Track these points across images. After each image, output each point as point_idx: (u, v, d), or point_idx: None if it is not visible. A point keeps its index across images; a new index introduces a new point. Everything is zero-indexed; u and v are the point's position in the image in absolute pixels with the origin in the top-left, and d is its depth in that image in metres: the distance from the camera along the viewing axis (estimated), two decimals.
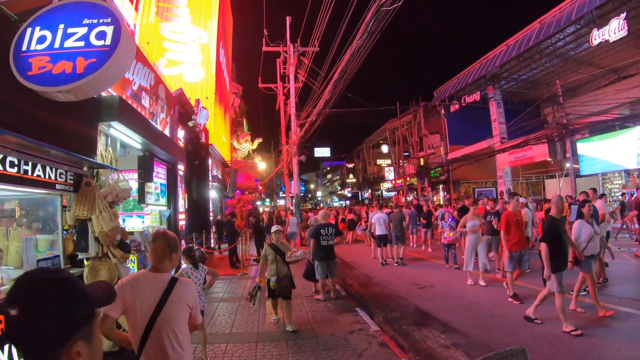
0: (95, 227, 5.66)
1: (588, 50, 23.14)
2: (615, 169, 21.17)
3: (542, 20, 22.55)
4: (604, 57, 24.64)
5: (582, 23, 20.35)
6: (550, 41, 22.71)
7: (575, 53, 24.30)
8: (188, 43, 18.38)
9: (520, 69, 27.03)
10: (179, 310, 2.96)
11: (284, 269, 7.51)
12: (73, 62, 4.75)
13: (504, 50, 25.69)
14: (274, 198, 62.51)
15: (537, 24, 22.96)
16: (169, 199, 11.25)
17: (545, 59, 25.17)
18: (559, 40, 22.65)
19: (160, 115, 10.34)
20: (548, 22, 21.71)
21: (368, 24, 10.43)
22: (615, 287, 9.17)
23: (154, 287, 2.94)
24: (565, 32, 21.56)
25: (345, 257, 16.19)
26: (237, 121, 35.33)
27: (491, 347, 6.05)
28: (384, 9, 9.48)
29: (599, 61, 25.35)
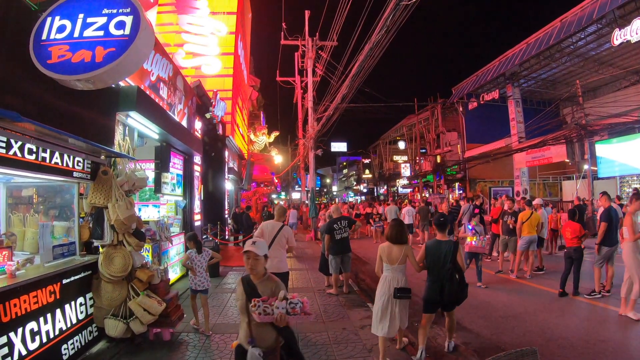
0: (111, 215, 5.74)
1: (609, 51, 22.71)
2: (634, 172, 20.83)
3: (563, 19, 22.20)
4: (626, 57, 24.20)
5: (604, 22, 19.97)
6: (571, 40, 22.32)
7: (596, 53, 23.86)
8: (207, 35, 18.47)
9: (540, 67, 26.62)
10: (282, 237, 6.92)
11: (267, 335, 3.63)
12: (92, 51, 4.81)
13: (524, 48, 25.35)
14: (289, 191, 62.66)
15: (557, 22, 22.61)
16: (184, 190, 11.34)
17: (566, 58, 24.76)
18: (580, 40, 22.26)
19: (178, 106, 10.41)
20: (569, 21, 21.36)
21: (387, 19, 10.37)
22: None
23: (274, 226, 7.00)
24: (586, 31, 21.15)
25: (357, 251, 16.19)
26: (254, 114, 35.44)
27: (502, 347, 6.02)
28: (404, 3, 9.42)
29: (620, 62, 24.91)
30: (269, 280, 3.81)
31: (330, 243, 9.40)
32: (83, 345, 5.52)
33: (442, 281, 5.56)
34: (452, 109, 36.08)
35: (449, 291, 5.51)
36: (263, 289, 3.70)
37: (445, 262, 5.56)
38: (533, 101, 31.77)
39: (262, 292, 3.66)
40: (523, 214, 10.95)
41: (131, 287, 5.92)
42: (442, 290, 5.54)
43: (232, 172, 19.82)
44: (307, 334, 6.60)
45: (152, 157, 9.18)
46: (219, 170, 16.22)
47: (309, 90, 23.55)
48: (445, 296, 5.53)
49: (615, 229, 8.76)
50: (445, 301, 5.63)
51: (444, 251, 5.60)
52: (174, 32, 17.96)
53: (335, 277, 9.43)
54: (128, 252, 5.94)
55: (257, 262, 3.75)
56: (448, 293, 5.51)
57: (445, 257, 5.57)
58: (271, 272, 7.03)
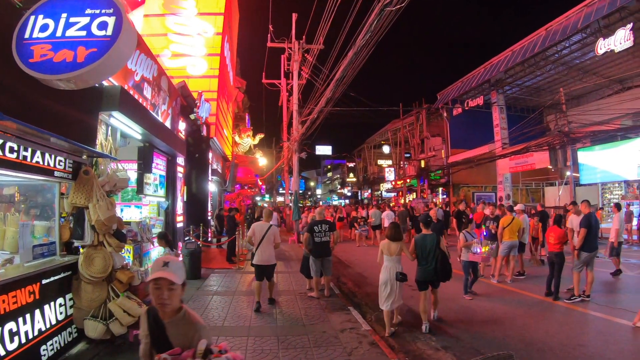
0: (92, 215, 5.71)
1: (593, 60, 23.11)
2: (615, 179, 21.14)
3: (548, 28, 22.53)
4: (609, 67, 24.63)
5: (588, 32, 20.29)
6: (555, 48, 22.66)
7: (580, 62, 24.26)
8: (193, 36, 18.41)
9: (524, 75, 26.96)
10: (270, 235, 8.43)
11: None
12: (74, 51, 4.80)
13: (509, 55, 25.67)
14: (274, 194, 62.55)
15: (543, 31, 22.94)
16: (167, 191, 11.30)
17: (550, 66, 25.12)
18: (565, 48, 22.61)
19: (161, 107, 10.37)
20: (554, 30, 21.69)
21: (371, 24, 10.43)
22: None
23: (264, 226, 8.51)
24: (571, 40, 21.50)
25: (340, 255, 16.23)
26: (239, 116, 35.33)
27: (481, 352, 6.07)
28: (388, 9, 9.48)
29: (603, 71, 25.34)
30: (185, 322, 2.65)
31: (310, 242, 9.42)
32: (62, 347, 5.47)
33: (431, 264, 7.19)
34: (436, 114, 36.31)
35: (439, 271, 7.17)
36: (176, 334, 2.61)
37: (431, 250, 7.20)
38: (517, 108, 32.11)
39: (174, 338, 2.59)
40: (504, 219, 11.10)
41: (111, 288, 5.89)
42: (435, 271, 7.18)
43: (215, 174, 19.74)
44: (287, 337, 6.61)
45: (134, 158, 9.13)
46: (203, 172, 16.16)
47: (294, 93, 23.56)
48: (439, 274, 7.21)
49: (595, 235, 8.95)
50: (435, 279, 7.30)
51: (430, 242, 7.27)
52: (161, 33, 17.86)
53: (317, 280, 9.44)
54: (108, 253, 5.91)
55: (172, 294, 2.58)
56: (439, 272, 7.18)
57: (431, 246, 7.23)
58: (262, 264, 8.58)
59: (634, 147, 19.30)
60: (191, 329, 2.63)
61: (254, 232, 8.60)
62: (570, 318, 7.82)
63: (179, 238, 12.12)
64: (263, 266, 8.58)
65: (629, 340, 6.60)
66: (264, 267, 8.59)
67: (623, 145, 20.10)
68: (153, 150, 9.52)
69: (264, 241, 8.50)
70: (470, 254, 9.17)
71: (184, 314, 2.66)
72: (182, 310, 2.67)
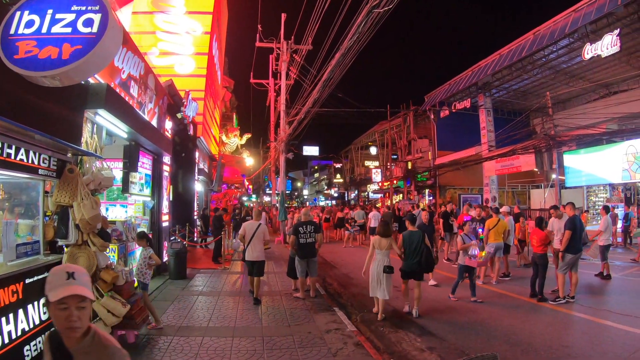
0: (76, 214, 5.65)
1: (580, 64, 23.38)
2: (600, 182, 21.38)
3: (536, 32, 22.73)
4: (596, 71, 24.94)
5: (576, 37, 20.53)
6: (543, 53, 22.88)
7: (567, 66, 24.54)
8: (181, 34, 18.29)
9: (511, 78, 27.17)
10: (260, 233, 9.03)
11: None
12: (59, 48, 4.76)
13: (497, 59, 25.84)
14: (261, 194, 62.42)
15: (530, 35, 23.13)
16: (153, 190, 11.21)
17: (537, 70, 25.34)
18: (552, 53, 22.83)
19: (148, 105, 10.29)
20: (542, 34, 21.88)
21: (359, 26, 10.45)
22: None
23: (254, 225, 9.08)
24: (558, 44, 21.71)
25: (326, 256, 16.24)
26: (226, 115, 35.17)
27: (466, 353, 6.11)
28: (376, 11, 9.51)
29: (590, 75, 25.65)
30: (97, 348, 2.08)
31: (295, 243, 9.45)
32: None
33: (416, 258, 8.09)
34: (424, 116, 36.43)
35: (423, 263, 8.08)
36: None
37: (417, 245, 8.10)
38: (504, 111, 32.37)
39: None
40: (490, 221, 11.18)
41: (95, 288, 5.82)
42: (419, 263, 8.07)
43: (202, 174, 19.65)
44: (272, 338, 6.61)
45: (120, 156, 9.04)
46: (189, 171, 16.06)
47: (282, 93, 23.54)
48: (423, 266, 8.13)
49: (579, 237, 9.04)
50: (419, 270, 8.16)
51: (416, 238, 8.22)
52: (149, 30, 17.72)
53: (302, 280, 9.45)
54: (92, 252, 5.86)
55: (82, 314, 2.05)
56: (423, 265, 8.10)
57: (417, 242, 8.14)
58: (252, 260, 9.10)
59: (619, 151, 19.53)
60: (104, 355, 2.07)
61: (245, 230, 9.23)
62: (555, 319, 7.89)
63: (165, 237, 12.04)
64: (253, 262, 9.10)
65: (613, 341, 6.67)
66: (253, 263, 9.11)
67: (608, 149, 20.34)
68: (139, 149, 9.44)
69: (254, 239, 9.12)
70: (467, 258, 9.12)
71: (93, 336, 2.07)
72: (91, 332, 2.08)
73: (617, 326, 7.29)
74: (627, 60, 22.60)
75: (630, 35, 19.31)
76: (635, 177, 18.85)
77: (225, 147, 30.53)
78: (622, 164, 19.25)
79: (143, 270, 7.38)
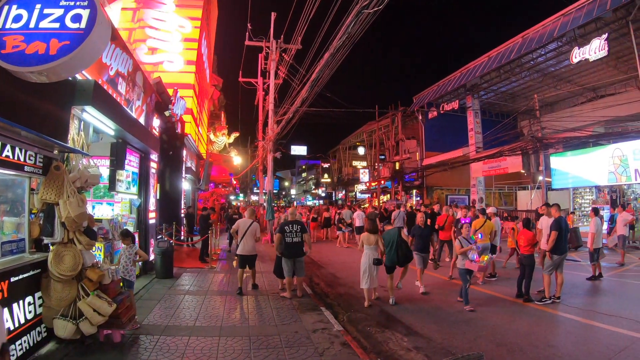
0: (62, 211, 5.59)
1: (568, 68, 23.62)
2: (586, 184, 21.53)
3: (524, 35, 22.89)
4: (583, 75, 25.21)
5: (564, 41, 20.69)
6: (531, 56, 23.08)
7: (555, 69, 24.77)
8: (171, 32, 18.20)
9: (500, 81, 27.36)
10: (252, 230, 9.78)
11: None
12: (47, 44, 4.72)
13: (485, 61, 26.00)
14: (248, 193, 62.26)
15: (519, 38, 23.29)
16: (140, 188, 11.13)
17: (526, 73, 25.56)
18: (540, 56, 23.03)
19: (136, 103, 10.22)
20: (531, 37, 22.04)
21: (349, 26, 10.45)
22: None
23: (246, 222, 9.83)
24: (546, 48, 21.91)
25: (313, 256, 16.22)
26: (215, 114, 35.07)
27: (452, 352, 6.12)
28: (366, 12, 9.52)
29: (577, 79, 25.92)
30: None
31: (282, 245, 9.45)
32: (32, 346, 5.35)
33: (394, 251, 8.99)
34: (412, 117, 36.54)
35: (402, 255, 9.00)
36: None
37: (393, 240, 9.05)
38: (492, 113, 32.64)
39: None
40: (477, 222, 11.23)
41: (81, 287, 5.78)
42: (397, 256, 8.97)
43: (189, 172, 19.56)
44: (258, 337, 6.58)
45: (107, 154, 8.94)
46: (177, 170, 15.98)
47: (270, 92, 23.49)
48: (400, 258, 9.00)
49: (565, 238, 9.13)
50: (400, 262, 9.09)
51: (393, 235, 9.16)
52: (138, 27, 17.61)
53: (289, 280, 9.42)
54: (78, 250, 5.79)
55: None
56: (400, 257, 9.01)
57: (393, 238, 9.09)
58: (245, 254, 9.93)
59: (605, 154, 19.69)
60: None
61: (238, 227, 10.04)
62: (540, 319, 7.94)
63: (152, 234, 11.96)
64: (246, 256, 9.94)
65: (598, 341, 6.73)
66: (246, 257, 9.96)
67: (595, 151, 20.49)
68: (126, 147, 9.36)
69: (247, 235, 9.89)
70: (467, 261, 8.77)
71: None
72: None
73: (602, 326, 7.36)
74: (615, 64, 22.88)
75: (618, 40, 19.51)
76: (621, 180, 19.02)
77: (213, 146, 30.46)
78: (608, 166, 19.41)
79: (128, 267, 7.34)
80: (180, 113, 15.36)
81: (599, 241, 11.49)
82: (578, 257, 14.62)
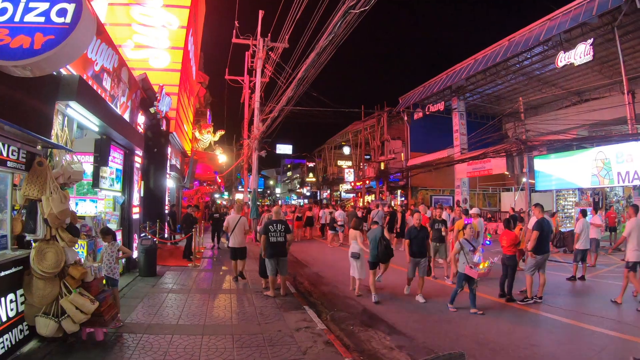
0: (44, 208, 5.53)
1: (553, 71, 23.96)
2: (569, 186, 21.77)
3: (511, 39, 23.13)
4: (568, 79, 25.58)
5: (550, 45, 20.98)
6: (517, 59, 23.37)
7: (541, 73, 25.11)
8: (157, 28, 18.03)
9: (485, 83, 27.65)
10: (241, 224, 10.98)
11: None
12: (31, 38, 4.67)
13: (472, 63, 26.21)
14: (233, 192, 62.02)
15: (506, 41, 23.52)
16: (123, 185, 11.04)
17: (511, 76, 25.86)
18: (526, 59, 23.33)
19: (121, 99, 10.14)
20: (517, 41, 22.29)
21: (335, 25, 10.46)
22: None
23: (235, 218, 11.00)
24: (532, 51, 22.22)
25: (297, 254, 16.23)
26: (200, 111, 34.82)
27: (434, 351, 6.18)
28: (353, 12, 9.53)
29: (562, 83, 26.29)
30: None
31: (266, 245, 9.45)
32: (13, 345, 5.29)
33: (375, 249, 9.49)
34: (398, 117, 36.69)
35: (381, 254, 9.50)
36: None
37: (376, 239, 9.53)
38: (477, 115, 32.97)
39: None
40: (459, 222, 11.36)
41: (63, 285, 5.72)
42: (378, 254, 9.48)
43: (174, 170, 19.42)
44: (241, 336, 6.58)
45: (91, 150, 8.85)
46: (161, 167, 15.87)
47: (256, 90, 23.41)
48: (381, 256, 9.53)
49: (547, 238, 9.26)
50: (381, 259, 9.66)
51: (376, 233, 9.66)
52: (125, 23, 17.43)
53: (272, 279, 9.41)
54: (61, 247, 5.73)
55: None
56: (381, 255, 9.51)
57: (376, 236, 9.58)
58: (235, 247, 11.00)
59: (588, 157, 19.93)
60: None
61: (228, 222, 11.28)
62: (522, 319, 8.06)
63: (135, 230, 11.87)
64: (236, 248, 11.04)
65: (579, 340, 6.85)
66: (236, 249, 11.04)
67: (578, 154, 20.72)
68: (110, 143, 9.27)
69: (236, 229, 11.04)
70: (467, 267, 8.34)
71: None
72: None
73: (583, 326, 7.50)
74: (600, 69, 23.24)
75: (604, 45, 19.82)
76: (603, 183, 19.28)
77: (198, 144, 30.26)
78: (591, 169, 19.66)
79: (112, 265, 7.23)
80: (166, 110, 15.23)
81: (586, 243, 11.66)
82: (561, 259, 14.77)
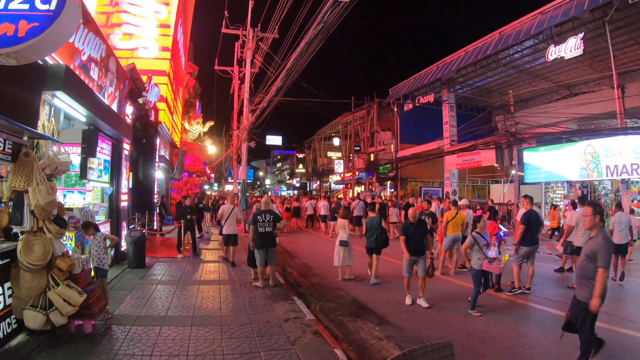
0: (31, 199, 5.47)
1: (543, 65, 24.05)
2: (557, 179, 21.96)
3: (502, 32, 23.22)
4: (558, 72, 25.68)
5: (541, 38, 21.06)
6: (508, 52, 23.46)
7: (531, 66, 25.20)
8: (146, 17, 17.85)
9: (476, 75, 27.69)
10: (234, 213, 12.35)
11: None
12: (15, 25, 4.61)
13: (462, 55, 26.27)
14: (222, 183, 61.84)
15: (497, 34, 23.60)
16: (112, 177, 10.95)
17: (502, 68, 25.94)
18: (517, 52, 23.40)
19: (108, 89, 10.03)
20: (508, 34, 22.38)
21: (324, 15, 10.43)
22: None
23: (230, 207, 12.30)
24: (523, 45, 22.31)
25: (287, 245, 16.25)
26: (190, 102, 34.65)
27: (422, 341, 6.21)
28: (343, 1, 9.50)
29: (552, 76, 26.40)
30: None
31: (255, 235, 9.42)
32: (1, 338, 5.26)
33: (374, 237, 10.09)
34: (387, 109, 36.72)
35: (380, 240, 10.08)
36: None
37: (375, 227, 10.16)
38: (467, 107, 33.08)
39: None
40: (448, 213, 11.40)
41: (51, 277, 5.67)
42: (376, 241, 10.07)
43: (163, 161, 19.32)
44: (230, 327, 6.57)
45: (78, 141, 8.76)
46: (150, 158, 15.76)
47: (246, 81, 23.33)
48: (379, 243, 10.09)
49: (535, 230, 9.30)
50: (376, 247, 10.12)
51: (375, 222, 10.29)
52: (113, 11, 17.23)
53: (261, 269, 9.41)
54: (48, 239, 5.68)
55: None
56: (379, 242, 10.09)
57: (375, 225, 10.21)
58: (229, 234, 12.25)
59: (577, 150, 20.11)
60: None
61: (223, 211, 12.53)
62: (511, 309, 8.11)
63: (124, 218, 11.82)
64: (230, 235, 12.18)
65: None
66: (230, 235, 12.18)
67: (567, 147, 20.89)
68: (98, 134, 9.19)
69: (230, 218, 12.19)
70: (485, 262, 7.68)
71: None
72: None
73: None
74: (590, 63, 23.37)
75: (594, 39, 19.90)
76: (592, 176, 19.48)
77: (188, 135, 30.15)
78: (580, 162, 19.85)
79: (101, 255, 7.10)
80: (154, 100, 15.11)
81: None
82: (549, 250, 14.88)
